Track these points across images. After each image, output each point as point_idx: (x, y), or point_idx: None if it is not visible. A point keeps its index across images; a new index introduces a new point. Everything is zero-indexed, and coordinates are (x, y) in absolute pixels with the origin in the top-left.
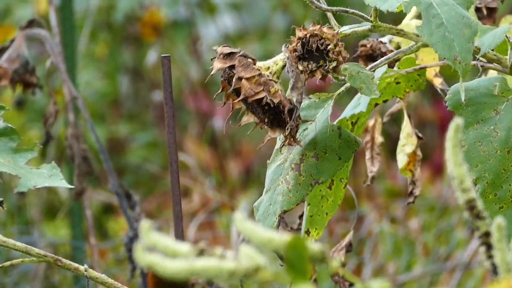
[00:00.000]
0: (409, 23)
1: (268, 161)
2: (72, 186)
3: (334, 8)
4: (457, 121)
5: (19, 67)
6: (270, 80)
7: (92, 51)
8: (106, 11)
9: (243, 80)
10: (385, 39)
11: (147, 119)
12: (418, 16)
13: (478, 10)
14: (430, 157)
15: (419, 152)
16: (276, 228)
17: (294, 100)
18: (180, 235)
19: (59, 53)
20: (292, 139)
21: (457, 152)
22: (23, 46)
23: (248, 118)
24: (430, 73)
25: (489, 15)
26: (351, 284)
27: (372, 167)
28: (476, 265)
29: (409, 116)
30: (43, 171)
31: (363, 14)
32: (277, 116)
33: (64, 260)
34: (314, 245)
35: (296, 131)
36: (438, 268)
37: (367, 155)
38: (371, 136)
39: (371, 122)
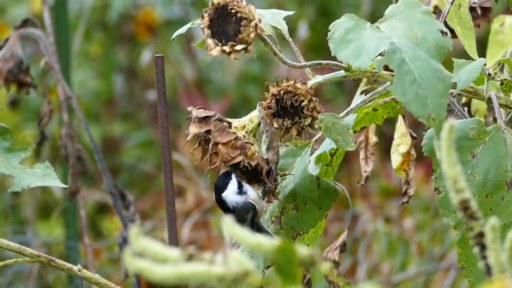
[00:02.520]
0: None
1: None
2: (66, 186)
3: (308, 64)
4: (451, 122)
5: (13, 67)
6: (247, 142)
7: (86, 50)
8: (101, 10)
9: (220, 145)
10: None
11: (141, 118)
12: None
13: (472, 9)
14: (425, 157)
15: (413, 152)
16: None
17: (270, 160)
18: (173, 235)
19: (53, 53)
20: (271, 196)
21: (451, 153)
22: (17, 46)
23: None
24: None
25: (483, 15)
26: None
27: (366, 167)
28: None
29: (403, 116)
30: (36, 170)
31: (337, 63)
32: (255, 175)
33: (57, 260)
34: (303, 250)
35: (275, 190)
36: (433, 267)
37: (361, 155)
38: (365, 136)
39: None
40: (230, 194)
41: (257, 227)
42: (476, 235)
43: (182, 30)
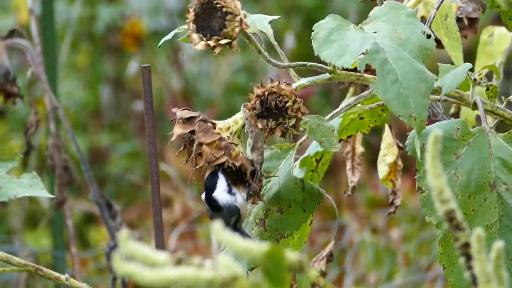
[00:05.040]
0: None
1: None
2: (53, 196)
3: (293, 64)
4: (436, 132)
5: (0, 77)
6: (231, 143)
7: (73, 61)
8: (88, 21)
9: (204, 146)
10: None
11: (128, 129)
12: None
13: (459, 20)
14: (412, 167)
15: (400, 162)
16: None
17: (255, 161)
18: (161, 245)
19: (40, 63)
20: (256, 197)
21: (436, 163)
22: (4, 56)
23: None
24: None
25: (470, 26)
26: None
27: (353, 177)
28: None
29: (390, 127)
30: (23, 180)
31: (322, 65)
32: (240, 176)
33: (45, 269)
34: (292, 255)
35: (260, 191)
36: (419, 278)
37: (348, 165)
38: (351, 146)
39: None
40: (221, 192)
41: (239, 232)
42: (461, 246)
43: (169, 36)
